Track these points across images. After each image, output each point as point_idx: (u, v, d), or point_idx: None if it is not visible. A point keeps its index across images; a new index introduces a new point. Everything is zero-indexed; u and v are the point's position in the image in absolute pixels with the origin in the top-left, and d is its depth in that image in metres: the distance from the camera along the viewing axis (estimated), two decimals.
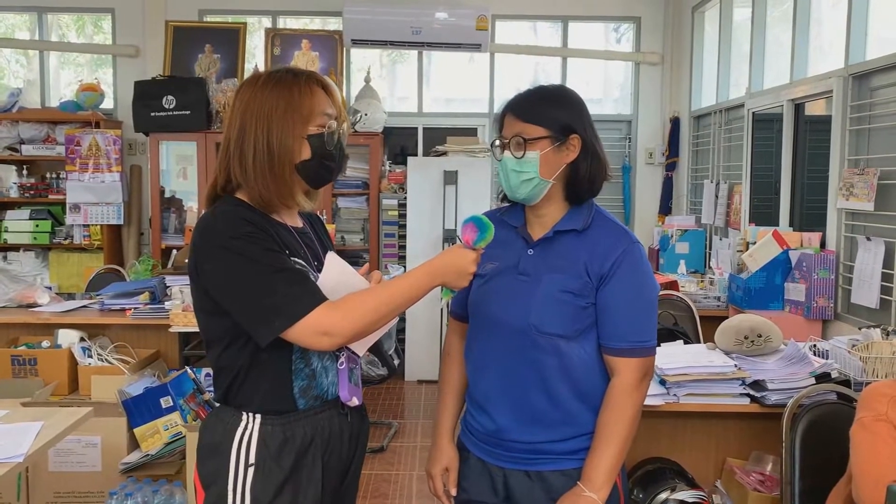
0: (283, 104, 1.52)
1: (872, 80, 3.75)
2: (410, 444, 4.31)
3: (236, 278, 1.43)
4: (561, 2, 6.59)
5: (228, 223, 1.47)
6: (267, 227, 1.51)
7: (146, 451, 3.11)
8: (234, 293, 1.45)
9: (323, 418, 1.57)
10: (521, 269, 1.69)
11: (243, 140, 1.53)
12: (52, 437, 2.12)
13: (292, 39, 6.21)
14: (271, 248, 1.46)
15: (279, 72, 1.58)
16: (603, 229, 1.70)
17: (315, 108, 1.55)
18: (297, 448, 1.52)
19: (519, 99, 1.71)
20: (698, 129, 6.21)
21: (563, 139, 1.66)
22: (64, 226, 6.11)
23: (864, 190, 3.61)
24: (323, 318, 1.41)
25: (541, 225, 1.72)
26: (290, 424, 1.52)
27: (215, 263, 1.46)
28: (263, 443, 1.51)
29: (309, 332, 1.42)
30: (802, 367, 2.46)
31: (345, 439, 1.62)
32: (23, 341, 3.80)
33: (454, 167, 5.51)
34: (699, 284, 4.75)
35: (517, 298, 1.67)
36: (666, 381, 2.41)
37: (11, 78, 7.01)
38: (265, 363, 1.52)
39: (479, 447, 1.76)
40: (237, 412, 1.54)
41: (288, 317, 1.41)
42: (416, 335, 5.57)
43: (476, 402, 1.76)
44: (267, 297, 1.42)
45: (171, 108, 5.72)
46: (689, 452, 2.57)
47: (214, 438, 1.54)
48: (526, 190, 1.67)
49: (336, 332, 1.42)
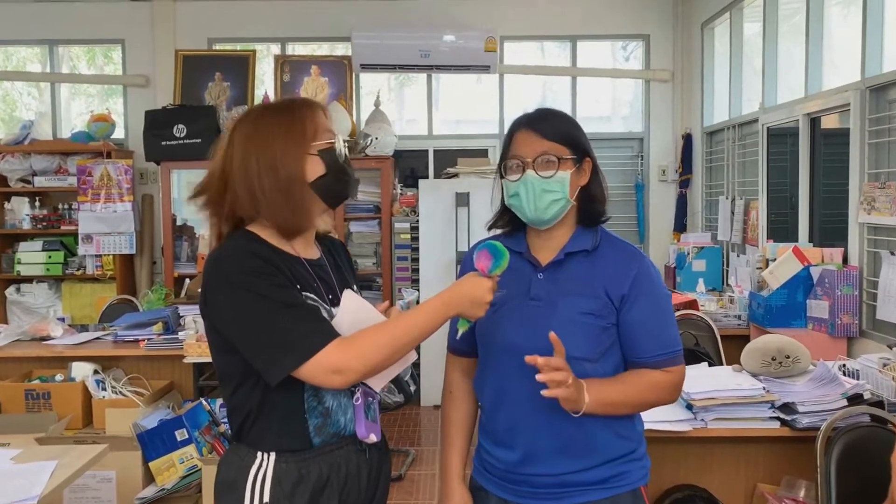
0: (284, 126, 1.51)
1: (890, 92, 3.70)
2: (429, 472, 4.23)
3: (245, 315, 1.40)
4: (569, 22, 6.59)
5: (236, 259, 1.44)
6: (277, 261, 1.47)
7: (161, 486, 3.07)
8: (242, 330, 1.41)
9: (339, 455, 1.53)
10: (533, 294, 1.65)
11: (247, 171, 1.48)
12: (67, 476, 2.08)
13: (301, 66, 6.22)
14: (281, 284, 1.43)
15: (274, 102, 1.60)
16: (612, 248, 1.68)
17: (318, 125, 1.54)
18: (311, 486, 1.48)
19: (537, 117, 1.67)
20: (711, 145, 6.16)
21: (581, 162, 1.65)
22: (76, 256, 6.10)
23: (887, 204, 3.55)
24: (335, 356, 1.38)
25: (548, 248, 1.68)
26: (304, 462, 1.49)
27: (223, 300, 1.43)
28: (278, 481, 1.47)
29: (321, 371, 1.38)
30: (833, 389, 2.39)
31: (363, 476, 1.57)
32: (36, 375, 3.78)
33: (466, 189, 5.48)
34: (719, 303, 4.68)
35: (534, 323, 1.62)
36: (693, 406, 2.35)
37: (24, 110, 7.06)
38: (277, 402, 1.48)
39: (498, 485, 1.68)
40: (252, 450, 1.50)
41: (299, 354, 1.38)
42: (433, 360, 5.49)
43: (494, 435, 1.69)
44: (276, 334, 1.38)
45: (181, 136, 5.73)
46: (719, 478, 2.49)
47: (230, 475, 1.51)
48: (553, 210, 1.63)
49: (348, 369, 1.39)
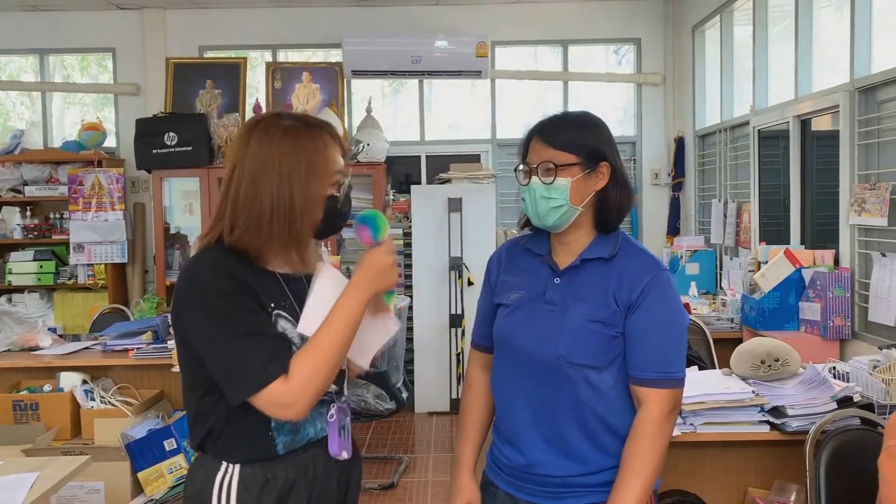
0: (305, 163, 1.48)
1: (879, 93, 3.69)
2: (422, 480, 4.21)
3: (210, 336, 1.41)
4: (560, 26, 6.60)
5: (210, 278, 1.43)
6: (250, 279, 1.46)
7: (150, 496, 3.05)
8: (207, 350, 1.43)
9: (306, 458, 1.53)
10: (549, 298, 1.65)
11: (259, 196, 1.46)
12: (48, 487, 2.06)
13: (293, 72, 6.21)
14: (250, 308, 1.43)
15: (292, 122, 1.52)
16: (630, 257, 1.65)
17: (331, 166, 1.53)
18: (278, 490, 1.48)
19: (547, 124, 1.67)
20: (704, 148, 6.16)
21: (593, 166, 1.63)
22: (68, 266, 6.08)
23: (877, 205, 3.54)
24: (280, 393, 1.38)
25: (567, 252, 1.68)
26: (271, 467, 1.49)
27: (193, 318, 1.43)
28: (244, 486, 1.47)
29: (270, 405, 1.40)
30: (823, 392, 2.38)
31: (332, 479, 1.57)
32: (24, 385, 3.74)
33: (458, 194, 5.46)
34: (711, 306, 4.67)
35: (545, 329, 1.62)
36: (682, 410, 2.33)
37: (17, 120, 7.05)
38: (244, 416, 1.46)
39: (507, 482, 1.71)
40: (217, 459, 1.50)
41: (251, 385, 1.39)
42: (426, 366, 5.49)
43: (504, 435, 1.72)
44: (235, 359, 1.40)
45: (172, 144, 5.71)
46: (709, 483, 2.48)
47: (196, 486, 1.51)
48: (554, 217, 1.63)
49: (295, 402, 1.40)
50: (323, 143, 1.52)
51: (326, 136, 1.54)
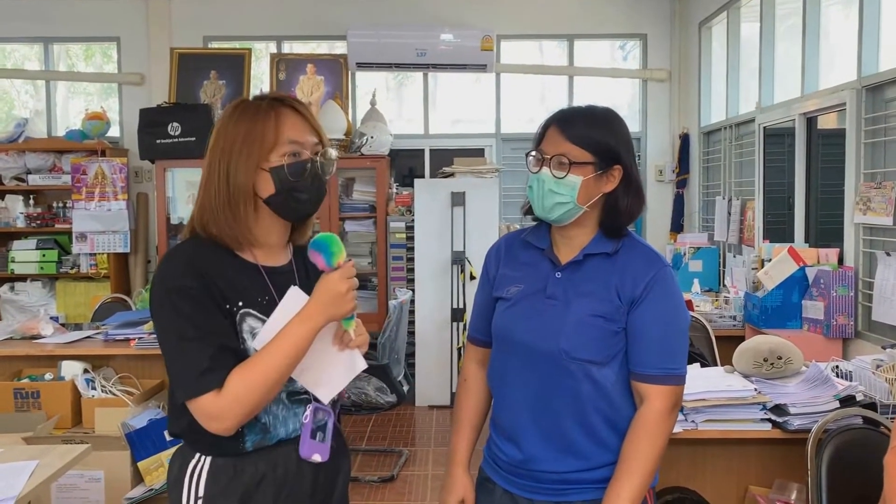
0: (243, 135, 1.45)
1: (886, 91, 3.67)
2: (422, 473, 4.21)
3: (165, 332, 1.42)
4: (566, 21, 6.57)
5: (175, 272, 1.42)
6: (223, 274, 1.44)
7: (150, 486, 3.05)
8: (161, 345, 1.44)
9: (277, 455, 1.50)
10: (550, 292, 1.63)
11: (207, 177, 1.48)
12: (47, 476, 2.06)
13: (297, 64, 6.20)
14: (205, 310, 1.40)
15: (248, 99, 1.51)
16: (633, 252, 1.63)
17: (280, 136, 1.46)
18: (245, 482, 1.48)
19: (569, 115, 1.63)
20: (708, 145, 6.14)
21: (607, 168, 1.60)
22: (70, 255, 6.09)
23: (883, 204, 3.52)
24: (211, 405, 1.37)
25: (569, 247, 1.66)
26: (240, 460, 1.48)
27: (154, 310, 1.44)
28: (213, 476, 1.48)
29: (200, 414, 1.39)
30: (825, 390, 2.36)
31: (306, 476, 1.53)
32: (26, 374, 3.75)
33: (462, 188, 5.45)
34: (714, 303, 4.66)
35: (546, 322, 1.60)
36: (684, 407, 2.32)
37: (21, 108, 7.04)
38: None
39: (505, 478, 1.69)
40: (192, 450, 1.51)
41: (186, 391, 1.39)
42: (428, 360, 5.49)
43: (502, 431, 1.69)
44: (179, 362, 1.39)
45: (176, 134, 5.71)
46: (710, 481, 2.47)
47: (173, 474, 1.53)
48: (558, 213, 1.61)
49: (225, 417, 1.38)
50: (275, 113, 1.46)
51: (284, 108, 1.48)
